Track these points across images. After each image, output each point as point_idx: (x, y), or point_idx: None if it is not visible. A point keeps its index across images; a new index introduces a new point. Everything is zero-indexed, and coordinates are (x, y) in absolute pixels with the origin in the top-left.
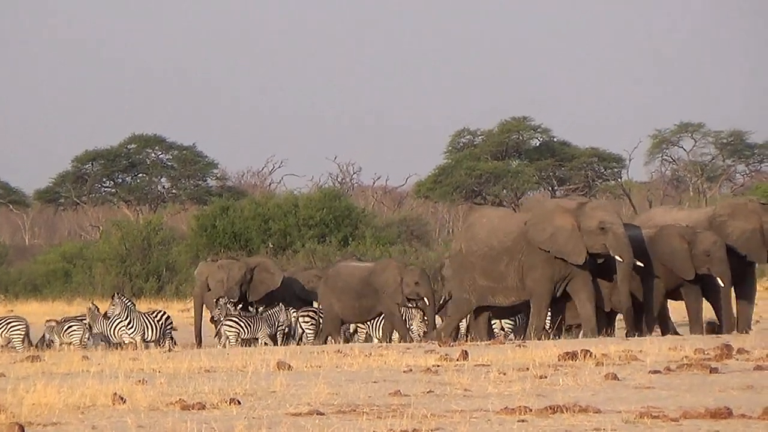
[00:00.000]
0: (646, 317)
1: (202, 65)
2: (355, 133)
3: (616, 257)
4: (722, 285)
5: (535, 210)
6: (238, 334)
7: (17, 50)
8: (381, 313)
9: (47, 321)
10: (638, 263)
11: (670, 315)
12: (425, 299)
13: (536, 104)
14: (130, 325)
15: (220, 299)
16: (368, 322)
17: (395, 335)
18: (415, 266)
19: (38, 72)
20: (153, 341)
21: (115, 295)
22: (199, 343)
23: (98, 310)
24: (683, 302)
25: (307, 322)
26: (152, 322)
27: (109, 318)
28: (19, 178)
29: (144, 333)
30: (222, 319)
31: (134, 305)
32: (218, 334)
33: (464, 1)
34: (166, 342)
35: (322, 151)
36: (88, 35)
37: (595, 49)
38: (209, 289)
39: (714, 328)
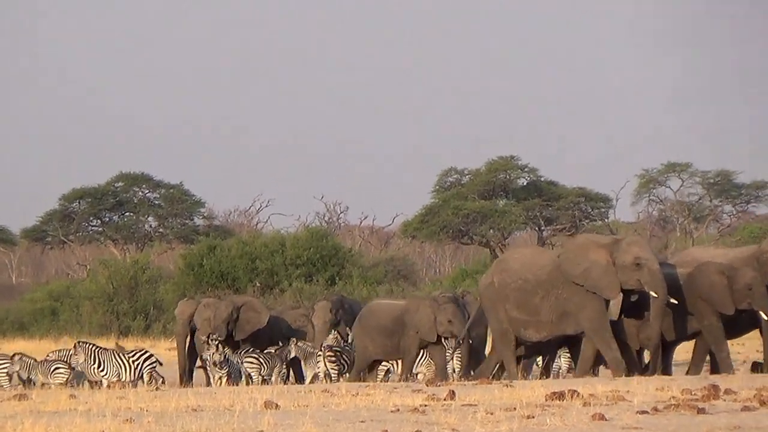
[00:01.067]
0: (719, 356)
1: (189, 104)
2: (342, 173)
3: (651, 293)
4: (765, 318)
5: (568, 244)
6: (259, 370)
7: (4, 89)
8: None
9: (17, 356)
10: (672, 301)
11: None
12: (458, 338)
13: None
14: (101, 368)
15: (210, 336)
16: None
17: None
18: (449, 304)
19: (25, 111)
20: (130, 381)
21: (77, 344)
22: (189, 379)
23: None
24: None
25: (332, 361)
26: (125, 362)
27: (74, 367)
28: (6, 217)
29: (118, 373)
30: (241, 354)
31: (100, 348)
32: (207, 373)
33: (450, 40)
34: (145, 381)
35: (310, 190)
36: (75, 76)
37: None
38: (190, 328)
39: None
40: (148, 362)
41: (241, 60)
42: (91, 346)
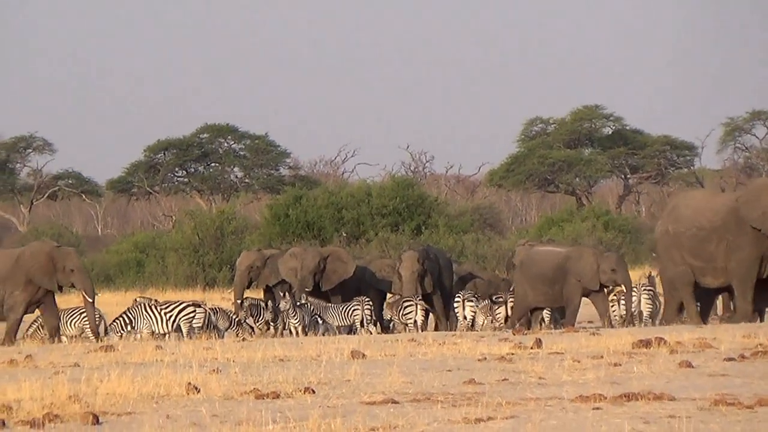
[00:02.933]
0: None
1: (274, 55)
2: (427, 122)
3: None
4: None
5: (748, 187)
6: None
7: (92, 42)
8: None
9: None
10: None
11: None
12: (623, 286)
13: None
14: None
15: (286, 294)
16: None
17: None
18: (612, 253)
19: (111, 62)
20: (164, 333)
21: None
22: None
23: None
24: None
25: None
26: (157, 314)
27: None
28: (92, 168)
29: (150, 326)
30: (291, 308)
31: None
32: (282, 323)
33: None
34: (183, 333)
35: (395, 139)
36: (164, 26)
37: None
38: (250, 279)
39: None
40: (183, 314)
41: (326, 11)
42: (143, 300)
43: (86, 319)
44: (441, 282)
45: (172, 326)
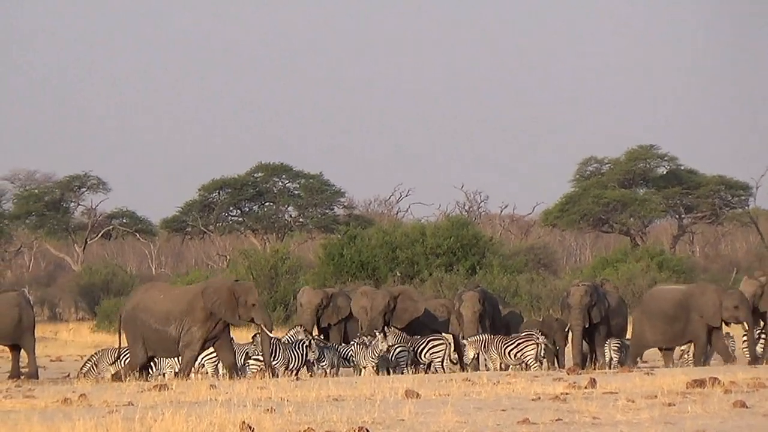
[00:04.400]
0: None
1: (331, 95)
2: (482, 162)
3: None
4: None
5: None
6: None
7: (146, 81)
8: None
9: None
10: None
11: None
12: (745, 324)
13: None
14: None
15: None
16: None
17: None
18: (735, 290)
19: (167, 101)
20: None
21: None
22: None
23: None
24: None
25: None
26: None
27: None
28: (146, 208)
29: (174, 367)
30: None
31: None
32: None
33: (587, 30)
34: (209, 372)
35: (450, 179)
36: (212, 67)
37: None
38: (317, 317)
39: None
40: (208, 356)
41: (379, 50)
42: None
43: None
44: (494, 322)
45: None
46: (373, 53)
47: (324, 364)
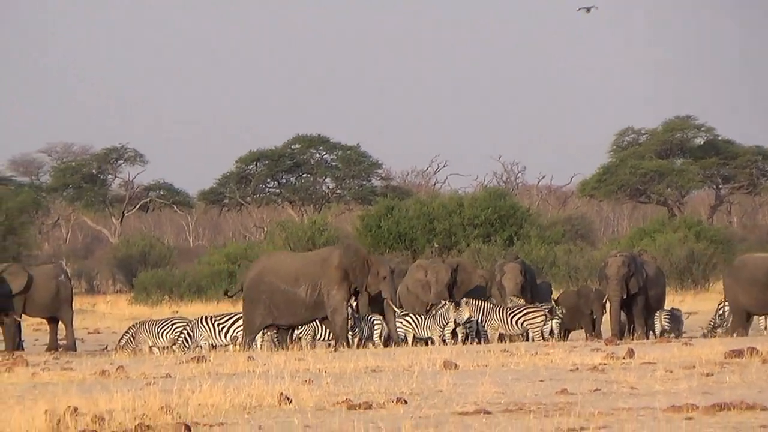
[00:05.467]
0: None
1: (366, 66)
2: (519, 132)
3: None
4: None
5: None
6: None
7: (184, 55)
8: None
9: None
10: None
11: None
12: None
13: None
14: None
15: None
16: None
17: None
18: None
19: (205, 74)
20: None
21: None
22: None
23: None
24: None
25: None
26: (212, 326)
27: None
28: (183, 180)
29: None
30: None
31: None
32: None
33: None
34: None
35: (487, 150)
36: (250, 40)
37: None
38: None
39: None
40: (237, 326)
41: (416, 24)
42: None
43: (178, 330)
44: (533, 292)
45: (226, 337)
46: (410, 25)
47: (356, 332)
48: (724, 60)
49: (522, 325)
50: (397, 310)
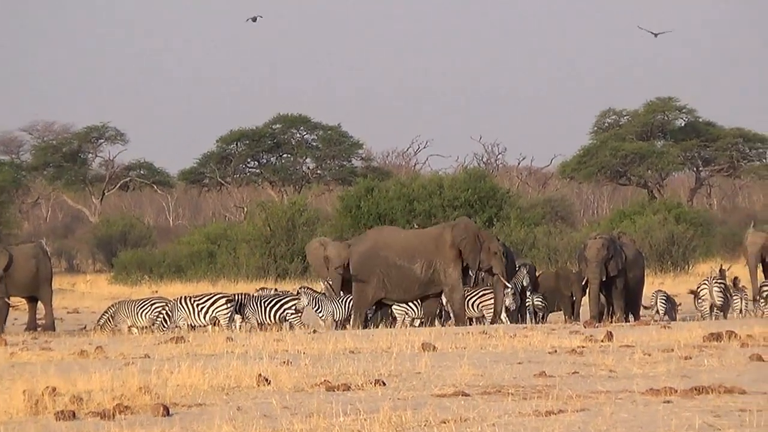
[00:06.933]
0: None
1: (347, 46)
2: (500, 114)
3: None
4: None
5: None
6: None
7: (164, 33)
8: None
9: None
10: None
11: None
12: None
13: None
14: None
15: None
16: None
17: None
18: None
19: (185, 53)
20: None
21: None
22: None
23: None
24: None
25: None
26: (191, 306)
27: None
28: (163, 159)
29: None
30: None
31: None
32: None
33: None
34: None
35: (468, 131)
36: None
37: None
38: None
39: None
40: (219, 308)
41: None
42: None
43: (157, 310)
44: (510, 273)
45: (205, 318)
46: (391, 6)
47: (322, 315)
48: (706, 42)
49: (478, 308)
50: (509, 285)
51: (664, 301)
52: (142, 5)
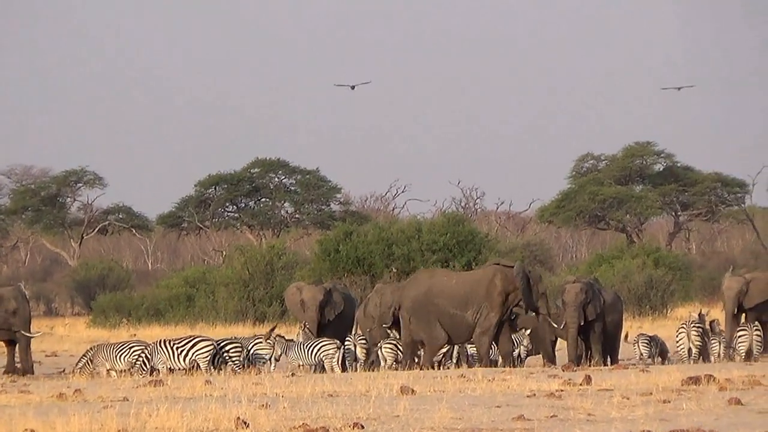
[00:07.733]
0: None
1: (327, 92)
2: (478, 159)
3: None
4: None
5: None
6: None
7: (142, 77)
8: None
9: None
10: None
11: None
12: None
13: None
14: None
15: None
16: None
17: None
18: None
19: (164, 97)
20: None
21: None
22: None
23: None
24: None
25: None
26: (170, 349)
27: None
28: (142, 203)
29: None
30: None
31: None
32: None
33: (583, 28)
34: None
35: (446, 176)
36: (207, 66)
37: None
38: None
39: None
40: (199, 351)
41: (376, 52)
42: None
43: (136, 353)
44: None
45: (185, 361)
46: (369, 49)
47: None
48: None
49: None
50: (555, 325)
51: (646, 344)
52: (121, 51)
